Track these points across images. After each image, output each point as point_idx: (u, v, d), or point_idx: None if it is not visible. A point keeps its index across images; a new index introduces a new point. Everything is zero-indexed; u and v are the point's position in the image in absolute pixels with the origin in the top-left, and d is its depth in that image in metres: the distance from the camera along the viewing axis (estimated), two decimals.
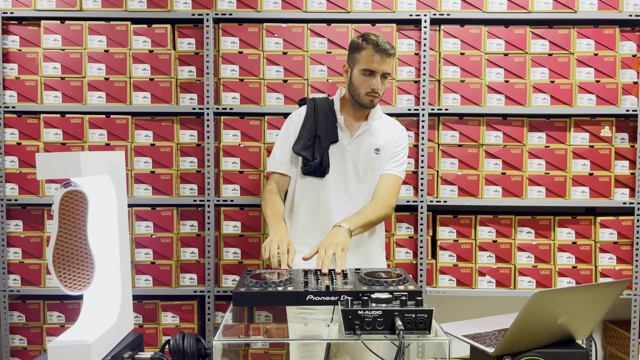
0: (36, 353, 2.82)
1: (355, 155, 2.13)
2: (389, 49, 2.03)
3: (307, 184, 2.12)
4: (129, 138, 2.78)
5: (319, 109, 2.16)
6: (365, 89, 2.06)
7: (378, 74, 2.04)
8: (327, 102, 2.19)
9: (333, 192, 2.11)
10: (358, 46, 2.06)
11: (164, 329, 2.81)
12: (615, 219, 2.82)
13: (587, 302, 1.51)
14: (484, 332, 1.65)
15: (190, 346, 1.41)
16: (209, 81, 2.75)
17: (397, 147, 2.19)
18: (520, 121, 2.80)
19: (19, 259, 2.80)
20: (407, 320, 1.26)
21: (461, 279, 2.81)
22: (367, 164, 2.13)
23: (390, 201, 2.11)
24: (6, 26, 2.79)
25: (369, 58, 2.02)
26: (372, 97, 2.08)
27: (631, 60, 2.80)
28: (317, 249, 1.81)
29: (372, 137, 2.15)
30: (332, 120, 2.14)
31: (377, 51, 2.01)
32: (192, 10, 2.75)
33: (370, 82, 2.04)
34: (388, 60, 2.04)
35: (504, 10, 2.76)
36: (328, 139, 2.11)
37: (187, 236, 2.81)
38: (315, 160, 2.08)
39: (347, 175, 2.13)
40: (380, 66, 2.03)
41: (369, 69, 2.03)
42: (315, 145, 2.10)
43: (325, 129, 2.12)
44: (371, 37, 2.04)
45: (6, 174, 2.79)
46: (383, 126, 2.19)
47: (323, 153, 2.09)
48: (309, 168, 2.09)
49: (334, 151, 2.12)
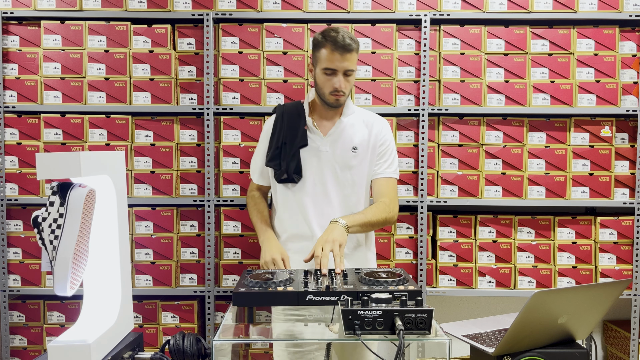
0: (36, 353, 2.82)
1: (330, 155, 2.06)
2: (349, 44, 1.94)
3: (284, 191, 2.09)
4: (129, 138, 2.78)
5: (286, 115, 2.11)
6: (329, 89, 1.99)
7: (339, 72, 1.96)
8: (297, 106, 2.13)
9: (311, 196, 2.05)
10: (318, 44, 2.00)
11: (164, 329, 2.81)
12: (615, 219, 2.82)
13: (587, 302, 1.51)
14: (484, 332, 1.65)
15: (190, 346, 1.41)
16: (209, 81, 2.75)
17: (381, 145, 2.12)
18: (520, 121, 2.80)
19: (19, 259, 2.80)
20: (407, 320, 1.26)
21: (461, 279, 2.81)
22: (345, 163, 2.06)
23: (392, 206, 2.06)
24: (6, 26, 2.79)
25: (328, 56, 1.95)
26: (337, 96, 2.00)
27: (631, 60, 2.80)
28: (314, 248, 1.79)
29: (347, 134, 2.08)
30: (300, 124, 2.08)
31: (336, 48, 1.93)
32: (192, 10, 2.75)
33: (333, 81, 1.97)
34: (349, 56, 1.95)
35: (504, 10, 2.76)
36: (296, 144, 2.05)
37: (187, 236, 2.81)
38: (282, 168, 2.05)
39: (324, 177, 2.06)
40: (341, 64, 1.95)
41: (329, 67, 1.96)
42: (282, 153, 2.06)
43: (291, 135, 2.07)
44: (331, 33, 1.96)
45: (6, 174, 2.79)
46: (358, 122, 2.12)
47: (290, 160, 2.04)
48: (279, 176, 2.06)
49: (308, 154, 2.06)
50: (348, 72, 1.98)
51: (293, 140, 2.06)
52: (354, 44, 1.96)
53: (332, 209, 2.04)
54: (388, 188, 2.10)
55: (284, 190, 2.08)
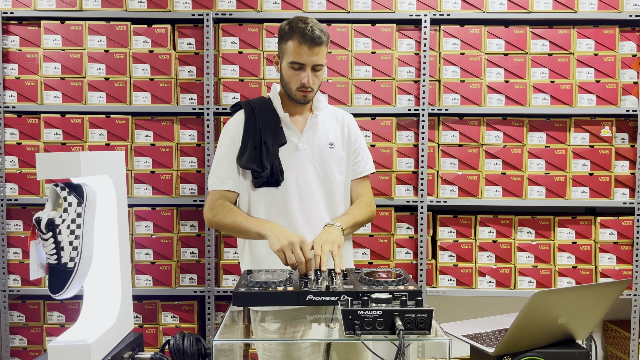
0: (36, 353, 2.82)
1: (309, 153, 1.92)
2: (318, 37, 1.79)
3: (263, 196, 1.89)
4: (129, 138, 2.78)
5: (258, 111, 1.92)
6: (296, 84, 1.85)
7: (308, 66, 1.82)
8: (265, 102, 1.96)
9: (295, 198, 1.90)
10: (285, 35, 1.84)
11: (164, 329, 2.81)
12: (615, 219, 2.82)
13: (587, 302, 1.51)
14: (484, 332, 1.65)
15: (190, 346, 1.41)
16: (209, 81, 2.75)
17: (355, 142, 2.02)
18: (520, 121, 2.80)
19: (19, 259, 2.80)
20: (407, 320, 1.25)
21: (461, 279, 2.81)
22: (323, 160, 1.94)
23: (372, 206, 2.03)
24: (6, 26, 2.79)
25: (295, 49, 1.80)
26: (305, 93, 1.86)
27: (631, 60, 2.80)
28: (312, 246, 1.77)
29: (322, 130, 1.96)
30: (275, 120, 1.92)
31: (304, 41, 1.79)
32: (192, 10, 2.75)
33: (300, 76, 1.83)
34: (318, 50, 1.81)
35: (504, 10, 2.76)
36: (276, 143, 1.89)
37: (187, 236, 2.81)
38: (266, 171, 1.85)
39: (307, 176, 1.91)
40: (309, 58, 1.81)
41: (296, 61, 1.81)
42: (263, 154, 1.86)
43: (270, 132, 1.89)
44: (299, 24, 1.81)
45: (6, 174, 2.79)
46: (330, 117, 2.01)
47: (273, 159, 1.87)
48: (260, 180, 1.86)
49: (287, 153, 1.90)
50: (317, 67, 1.85)
51: (273, 138, 1.89)
52: (324, 37, 1.82)
53: (318, 209, 1.93)
54: (365, 187, 2.05)
55: (264, 194, 1.89)
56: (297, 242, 1.64)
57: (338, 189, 1.98)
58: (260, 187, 1.88)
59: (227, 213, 1.84)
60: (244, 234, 1.84)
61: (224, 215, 1.84)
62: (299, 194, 1.90)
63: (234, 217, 1.83)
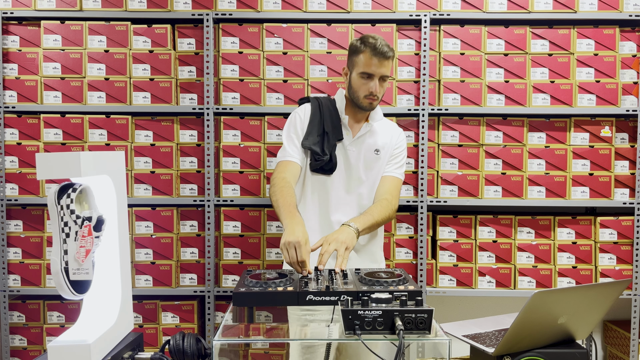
0: (36, 353, 2.82)
1: (356, 156, 2.14)
2: (387, 51, 2.02)
3: (315, 181, 2.12)
4: (129, 138, 2.78)
5: (324, 107, 2.17)
6: (364, 92, 2.07)
7: (376, 77, 2.05)
8: (330, 102, 2.20)
9: (335, 191, 2.12)
10: (356, 49, 2.07)
11: (164, 329, 2.81)
12: (615, 219, 2.82)
13: (587, 302, 1.51)
14: (484, 332, 1.65)
15: (190, 346, 1.41)
16: (209, 81, 2.75)
17: (396, 148, 2.20)
18: (520, 121, 2.80)
19: (19, 259, 2.80)
20: (407, 320, 1.26)
21: (461, 279, 2.81)
22: (367, 164, 2.14)
23: (393, 203, 2.12)
24: (6, 26, 2.79)
25: (367, 61, 2.03)
26: (371, 100, 2.09)
27: (631, 60, 2.80)
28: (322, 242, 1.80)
29: (373, 138, 2.17)
30: (337, 118, 2.15)
31: (374, 54, 2.02)
32: (192, 10, 2.75)
33: (369, 85, 2.05)
34: (386, 62, 2.04)
35: (504, 10, 2.76)
36: (335, 137, 2.11)
37: (187, 236, 2.81)
38: (326, 156, 2.07)
39: (350, 175, 2.13)
40: (378, 69, 2.03)
41: (367, 72, 2.04)
42: (324, 142, 2.10)
43: (332, 126, 2.13)
44: (369, 40, 2.04)
45: (6, 174, 2.79)
46: (382, 128, 2.21)
47: (332, 150, 2.10)
48: (319, 164, 2.08)
49: (339, 151, 2.13)
50: (384, 78, 2.06)
51: (333, 132, 2.11)
52: (391, 52, 2.04)
53: (350, 205, 2.12)
54: (392, 186, 2.16)
55: (314, 180, 2.12)
56: (295, 242, 1.67)
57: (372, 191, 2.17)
58: (315, 172, 2.10)
59: (277, 192, 1.97)
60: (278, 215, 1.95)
61: (273, 192, 1.98)
62: (339, 188, 2.11)
63: (276, 198, 1.94)
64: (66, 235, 1.22)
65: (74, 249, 1.23)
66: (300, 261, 1.66)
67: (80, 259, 1.23)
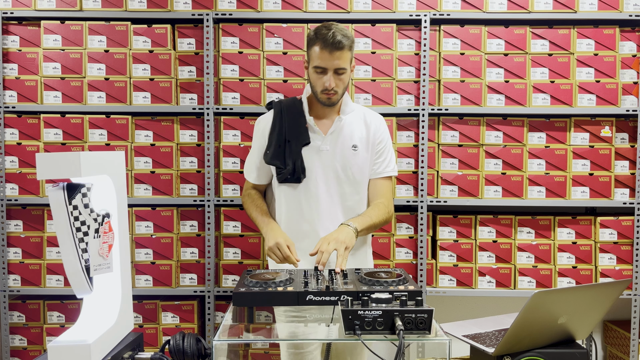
0: (36, 353, 2.82)
1: (331, 155, 2.02)
2: (339, 41, 1.87)
3: (285, 192, 2.04)
4: (129, 138, 2.78)
5: (285, 112, 2.04)
6: (320, 87, 1.95)
7: (330, 70, 1.91)
8: (295, 103, 2.07)
9: (313, 197, 2.01)
10: (310, 41, 1.96)
11: (164, 329, 2.81)
12: (615, 219, 2.82)
13: (587, 302, 1.51)
14: (484, 332, 1.65)
15: (190, 346, 1.41)
16: (209, 81, 2.75)
17: (379, 143, 2.09)
18: (520, 121, 2.80)
19: (19, 259, 2.80)
20: (407, 320, 1.26)
21: (461, 279, 2.81)
22: (345, 162, 2.03)
23: (389, 207, 2.06)
24: (6, 26, 2.79)
25: (318, 54, 1.91)
26: (329, 95, 1.96)
27: (631, 60, 2.80)
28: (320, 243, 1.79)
29: (347, 133, 2.04)
30: (301, 121, 2.03)
31: (325, 46, 1.88)
32: (192, 10, 2.75)
33: (323, 80, 1.93)
34: (339, 54, 1.89)
35: (504, 10, 2.76)
36: (300, 142, 2.00)
37: (187, 236, 2.81)
38: (288, 167, 1.98)
39: (326, 176, 2.02)
40: (330, 62, 1.89)
41: (319, 65, 1.92)
42: (287, 151, 1.99)
43: (295, 132, 2.01)
44: (322, 30, 1.91)
45: (6, 174, 2.79)
46: (356, 120, 2.08)
47: (296, 158, 1.99)
48: (283, 176, 2.00)
49: (309, 153, 2.02)
50: (339, 71, 1.93)
51: (297, 138, 2.00)
52: (346, 41, 1.89)
53: (334, 208, 2.02)
54: (385, 188, 2.09)
55: (287, 190, 2.03)
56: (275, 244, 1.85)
57: (358, 190, 2.06)
58: (284, 183, 2.02)
59: (250, 205, 2.11)
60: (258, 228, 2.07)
61: (248, 206, 2.12)
62: (317, 193, 2.01)
63: (251, 211, 2.09)
64: (84, 234, 1.23)
65: (97, 246, 1.26)
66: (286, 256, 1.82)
67: (104, 254, 1.27)
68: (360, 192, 2.07)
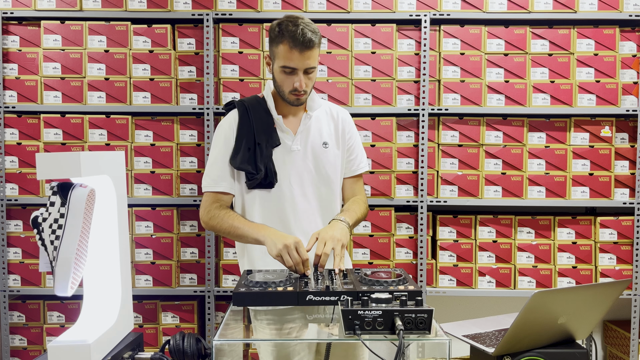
0: (36, 353, 2.82)
1: (302, 154, 1.90)
2: (309, 40, 1.74)
3: (256, 198, 1.87)
4: (129, 138, 2.78)
5: (252, 112, 1.88)
6: (288, 87, 1.81)
7: (300, 70, 1.78)
8: (259, 102, 1.92)
9: (288, 200, 1.88)
10: (275, 37, 1.79)
11: (164, 329, 2.81)
12: (615, 219, 2.82)
13: (587, 302, 1.51)
14: (484, 332, 1.65)
15: (190, 346, 1.41)
16: (209, 81, 2.75)
17: (349, 139, 1.99)
18: (520, 121, 2.80)
19: (19, 259, 2.80)
20: (407, 320, 1.25)
21: (461, 279, 2.81)
22: (318, 160, 1.91)
23: (366, 202, 2.02)
24: (6, 26, 2.79)
25: (286, 54, 1.76)
26: (298, 96, 1.83)
27: (631, 60, 2.80)
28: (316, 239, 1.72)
29: (316, 130, 1.93)
30: (269, 122, 1.88)
31: (295, 45, 1.74)
32: (192, 10, 2.75)
33: (292, 80, 1.80)
34: (309, 53, 1.77)
35: (504, 10, 2.76)
36: (270, 144, 1.86)
37: (187, 236, 2.81)
38: (260, 172, 1.83)
39: (300, 178, 1.89)
40: (300, 62, 1.77)
41: (288, 65, 1.77)
42: (257, 155, 1.84)
43: (264, 134, 1.86)
44: (289, 27, 1.76)
45: (6, 174, 2.79)
46: (324, 116, 1.97)
47: (267, 161, 1.85)
48: (255, 182, 1.84)
49: (280, 155, 1.88)
50: (309, 70, 1.81)
51: (267, 140, 1.86)
52: (315, 38, 1.77)
53: (311, 209, 1.91)
54: (360, 185, 2.05)
55: (258, 196, 1.88)
56: (292, 244, 1.64)
57: (333, 188, 1.96)
58: (254, 189, 1.86)
59: (224, 217, 1.83)
60: (241, 238, 1.83)
61: (221, 219, 1.83)
62: (292, 196, 1.88)
63: (231, 221, 1.82)
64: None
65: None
66: (305, 260, 1.63)
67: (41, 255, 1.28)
68: (335, 191, 1.98)
